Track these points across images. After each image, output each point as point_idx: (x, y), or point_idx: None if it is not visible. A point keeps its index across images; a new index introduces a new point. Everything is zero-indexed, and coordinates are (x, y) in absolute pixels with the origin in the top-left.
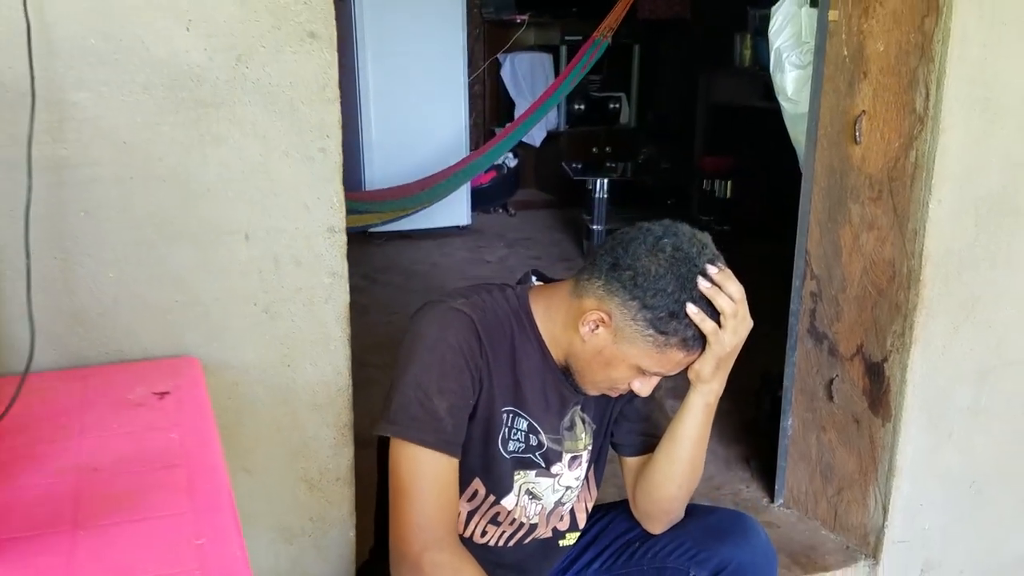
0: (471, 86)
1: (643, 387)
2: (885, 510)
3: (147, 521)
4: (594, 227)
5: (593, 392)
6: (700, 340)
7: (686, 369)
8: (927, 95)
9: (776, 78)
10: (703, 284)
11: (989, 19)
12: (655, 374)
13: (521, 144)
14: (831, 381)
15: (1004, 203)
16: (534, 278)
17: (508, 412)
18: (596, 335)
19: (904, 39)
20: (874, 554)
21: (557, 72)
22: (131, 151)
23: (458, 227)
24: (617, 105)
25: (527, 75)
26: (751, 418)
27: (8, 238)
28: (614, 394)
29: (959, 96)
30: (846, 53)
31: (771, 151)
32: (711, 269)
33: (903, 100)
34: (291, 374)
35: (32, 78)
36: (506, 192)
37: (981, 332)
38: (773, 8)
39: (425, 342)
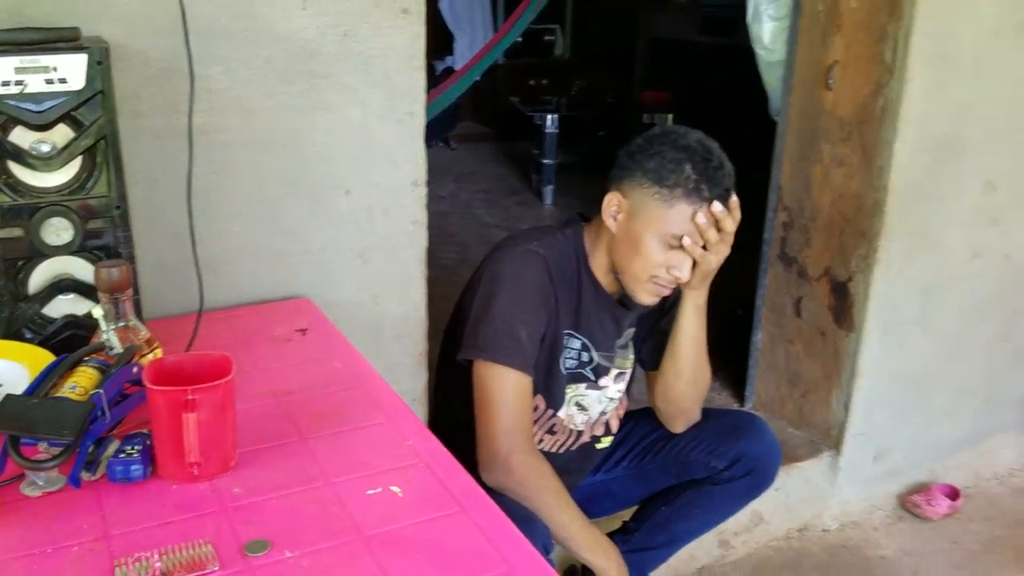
0: None
1: (681, 269)
2: (847, 408)
3: (359, 430)
4: (545, 161)
5: (643, 295)
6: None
7: None
8: (895, 48)
9: (753, 28)
10: (716, 207)
11: None
12: (675, 236)
13: None
14: (799, 300)
15: (953, 143)
16: (583, 221)
17: (567, 335)
18: (619, 221)
19: None
20: (836, 446)
21: (494, 4)
22: (255, 118)
23: None
24: (552, 37)
25: (466, 5)
26: (715, 336)
27: (144, 197)
28: (663, 291)
29: (922, 50)
30: (821, 8)
31: (710, 85)
32: (732, 198)
33: (873, 52)
34: (379, 310)
35: (189, 57)
36: (447, 126)
37: (929, 254)
38: None
39: (507, 280)
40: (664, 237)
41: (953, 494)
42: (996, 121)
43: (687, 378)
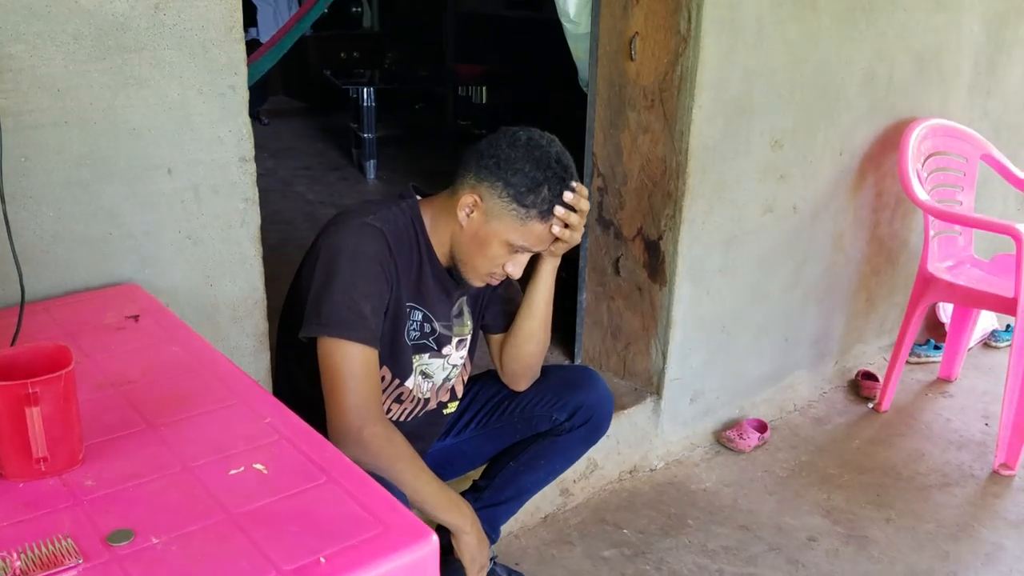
0: None
1: (515, 268)
2: (664, 356)
3: (211, 413)
4: (364, 135)
5: (476, 282)
6: (551, 212)
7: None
8: (689, 18)
9: (559, 2)
10: (567, 196)
11: None
12: (521, 248)
13: None
14: (617, 259)
15: (742, 105)
16: (418, 197)
17: (409, 307)
18: (472, 219)
19: None
20: (657, 391)
21: None
22: (65, 97)
23: None
24: (359, 8)
25: None
26: None
27: None
28: (494, 281)
29: (714, 18)
30: None
31: (523, 57)
32: (573, 185)
33: (670, 23)
34: (214, 293)
35: None
36: (257, 100)
37: (727, 208)
38: None
39: (346, 254)
40: (512, 245)
41: (761, 427)
42: (779, 84)
43: (538, 338)
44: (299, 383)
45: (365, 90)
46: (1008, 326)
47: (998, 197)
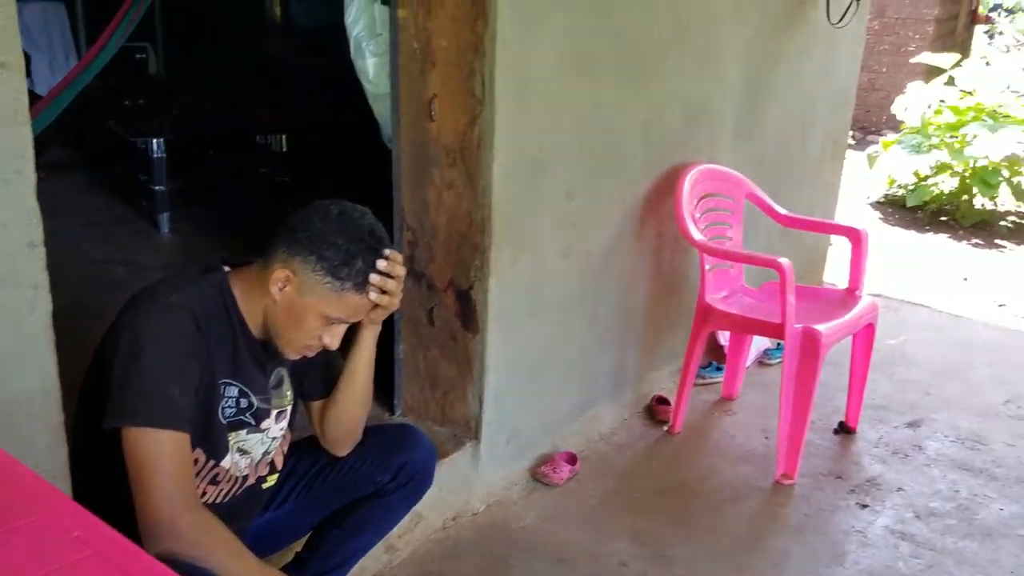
0: None
1: (332, 339)
2: (480, 401)
3: (8, 533)
4: (156, 188)
5: (292, 355)
6: (366, 283)
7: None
8: (483, 83)
9: (358, 63)
10: (381, 264)
11: (521, 25)
12: (338, 320)
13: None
14: (431, 310)
15: (537, 161)
16: (225, 268)
17: (223, 384)
18: (285, 292)
19: (462, 37)
20: (475, 436)
21: (73, 23)
22: None
23: None
24: (144, 55)
25: (38, 23)
26: None
27: None
28: (310, 353)
29: (506, 83)
30: (416, 46)
31: (324, 107)
32: (387, 252)
33: (466, 86)
34: (3, 388)
35: None
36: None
37: (530, 256)
38: (347, 0)
39: (150, 336)
40: (329, 318)
41: (572, 459)
42: (569, 141)
43: (360, 402)
44: (102, 473)
45: (154, 141)
46: (779, 344)
47: (763, 230)
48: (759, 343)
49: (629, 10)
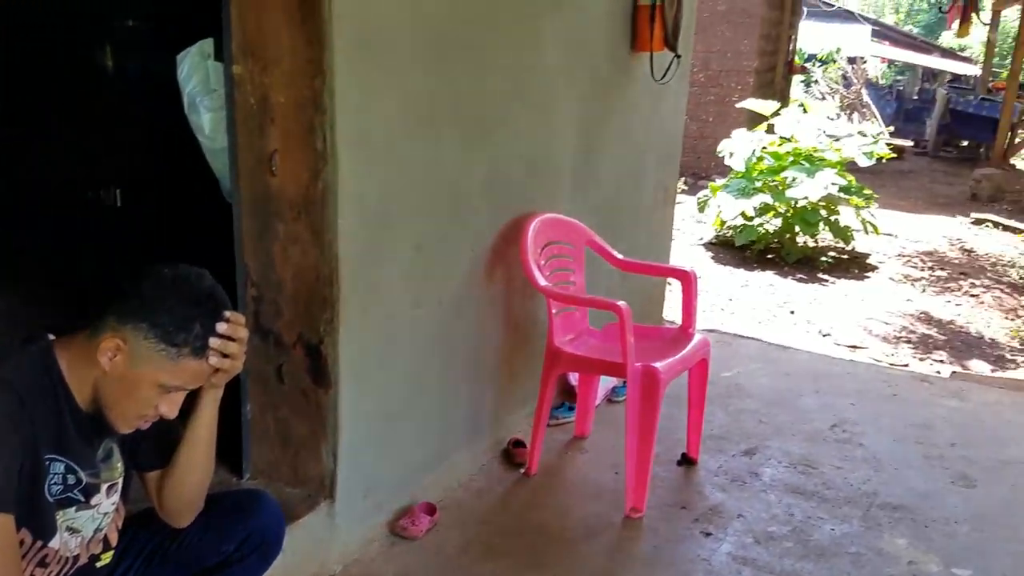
0: None
1: (170, 408)
2: (335, 458)
3: None
4: None
5: (125, 428)
6: (205, 348)
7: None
8: (324, 138)
9: (193, 119)
10: (221, 327)
11: (360, 81)
12: (176, 388)
13: None
14: (280, 367)
15: (384, 213)
16: (50, 337)
17: (49, 459)
18: (115, 363)
19: (300, 94)
20: (330, 495)
21: None
22: None
23: None
24: None
25: None
26: None
27: None
28: (145, 424)
29: (347, 139)
30: (253, 102)
31: (159, 160)
32: (228, 314)
33: (307, 141)
34: None
35: None
36: None
37: (380, 308)
38: (179, 56)
39: None
40: (165, 387)
41: (431, 510)
42: (415, 194)
43: (201, 470)
44: None
45: None
46: (624, 382)
47: (605, 274)
48: (607, 381)
49: (467, 66)
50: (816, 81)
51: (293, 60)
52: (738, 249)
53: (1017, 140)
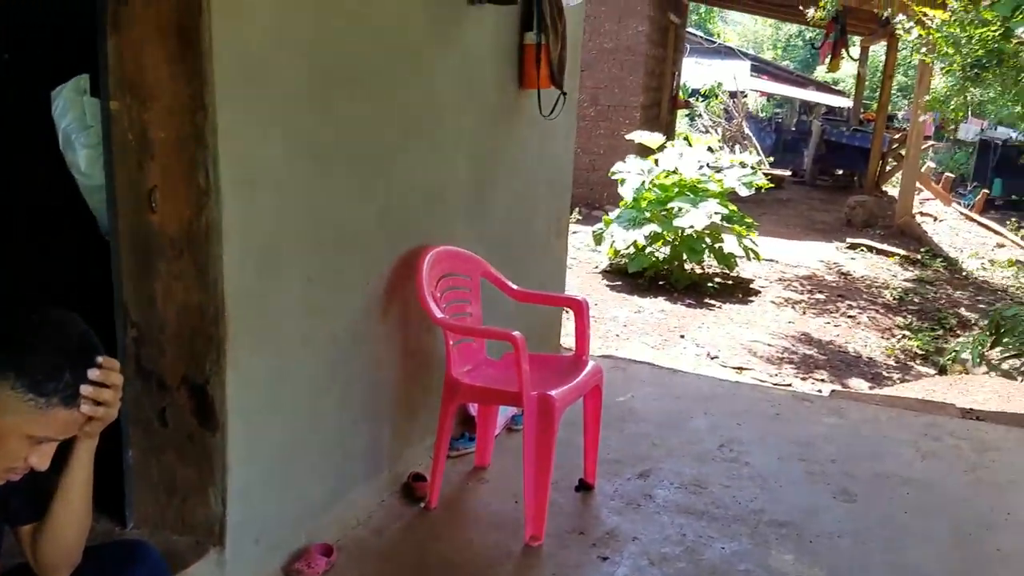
0: None
1: (40, 460)
2: (224, 502)
3: None
4: None
5: None
6: (76, 396)
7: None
8: (207, 174)
9: (68, 155)
10: (93, 373)
11: (243, 116)
12: (45, 439)
13: None
14: (163, 410)
15: (273, 249)
16: None
17: None
18: None
19: (182, 129)
20: (220, 541)
21: None
22: None
23: None
24: None
25: None
26: None
27: None
28: (15, 476)
29: (232, 173)
30: (132, 138)
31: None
32: (100, 360)
33: (189, 177)
34: None
35: None
36: None
37: (270, 346)
38: (53, 93)
39: None
40: (34, 438)
41: (328, 551)
42: (305, 228)
43: (78, 522)
44: None
45: None
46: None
47: (502, 304)
48: (506, 410)
49: (353, 100)
50: (700, 115)
51: (173, 95)
52: (632, 276)
53: (888, 168)
